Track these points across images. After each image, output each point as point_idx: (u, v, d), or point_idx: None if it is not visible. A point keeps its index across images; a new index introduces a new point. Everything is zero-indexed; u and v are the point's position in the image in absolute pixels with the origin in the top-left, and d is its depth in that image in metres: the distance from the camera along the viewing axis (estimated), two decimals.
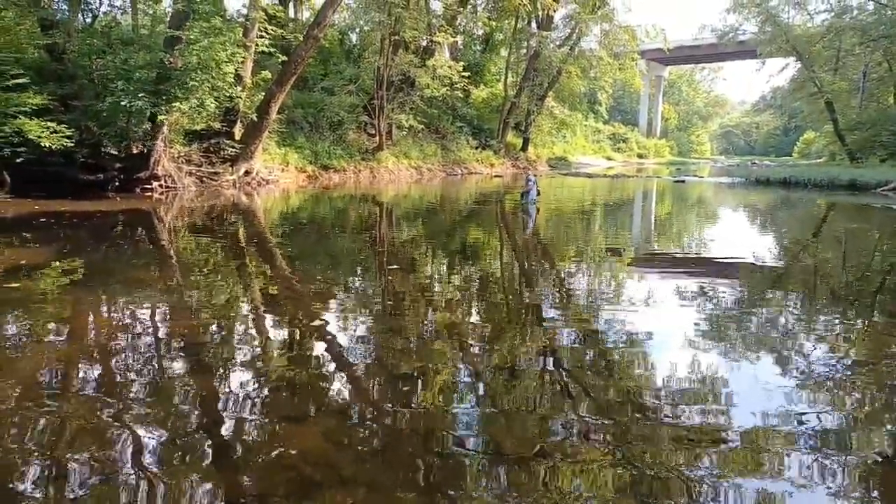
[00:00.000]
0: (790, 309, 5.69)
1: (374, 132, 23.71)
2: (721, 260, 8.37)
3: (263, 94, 16.68)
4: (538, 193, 14.82)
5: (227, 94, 14.01)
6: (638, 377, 3.93)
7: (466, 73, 26.34)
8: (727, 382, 3.83)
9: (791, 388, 3.71)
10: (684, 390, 3.71)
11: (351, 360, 4.16)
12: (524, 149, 35.20)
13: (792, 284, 6.85)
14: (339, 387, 3.74)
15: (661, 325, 5.06)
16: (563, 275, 7.17)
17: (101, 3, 15.08)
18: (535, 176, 16.55)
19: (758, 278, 7.03)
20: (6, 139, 10.13)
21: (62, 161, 11.71)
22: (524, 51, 33.74)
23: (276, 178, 17.35)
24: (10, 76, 10.53)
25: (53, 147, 10.70)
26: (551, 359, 4.26)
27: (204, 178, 14.90)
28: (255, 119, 15.93)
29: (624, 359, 4.25)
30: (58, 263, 6.78)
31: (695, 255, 8.85)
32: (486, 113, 34.31)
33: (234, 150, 15.82)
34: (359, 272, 7.24)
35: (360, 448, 2.97)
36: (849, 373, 4.01)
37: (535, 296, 6.22)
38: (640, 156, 59.52)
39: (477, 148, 30.47)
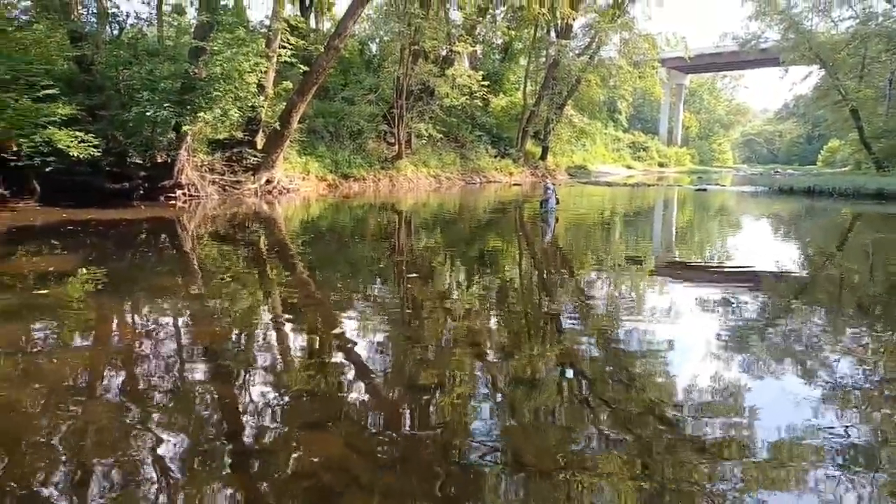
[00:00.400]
0: (815, 320, 5.60)
1: (393, 141, 23.85)
2: (744, 270, 8.26)
3: (285, 103, 16.88)
4: (557, 202, 14.78)
5: (250, 104, 14.21)
6: (660, 389, 3.89)
7: (486, 82, 26.41)
8: (751, 395, 3.78)
9: (816, 401, 3.65)
10: (707, 403, 3.67)
11: (370, 368, 4.18)
12: (543, 157, 35.14)
13: (816, 295, 6.74)
14: (359, 395, 3.76)
15: (683, 335, 5.00)
16: (582, 284, 7.13)
17: (128, 16, 15.44)
18: (553, 184, 16.51)
19: (781, 289, 6.93)
20: (36, 149, 10.39)
21: (89, 170, 11.96)
22: (543, 60, 33.75)
23: (296, 186, 17.52)
24: (40, 87, 10.80)
25: (81, 156, 10.94)
26: (571, 369, 4.23)
27: (226, 187, 15.10)
28: (277, 128, 16.13)
29: (645, 370, 4.21)
30: (84, 271, 6.92)
31: (717, 265, 8.74)
32: (504, 122, 34.34)
33: (255, 159, 16.03)
34: (378, 280, 7.27)
35: (378, 456, 2.98)
36: (876, 386, 3.93)
37: (554, 305, 6.19)
38: (660, 164, 59.06)
39: (496, 156, 30.48)
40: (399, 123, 23.09)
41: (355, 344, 4.65)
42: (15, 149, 10.65)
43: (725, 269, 8.32)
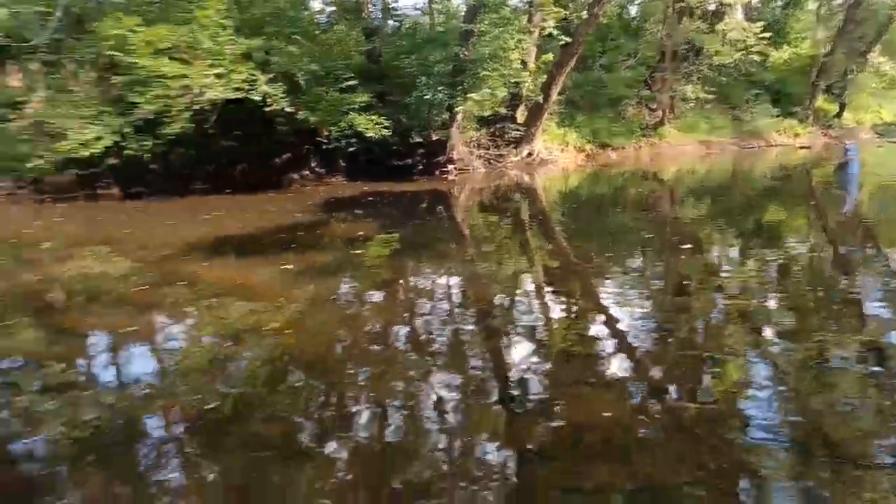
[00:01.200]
0: None
1: (655, 106, 22.61)
2: None
3: (545, 76, 17.17)
4: (860, 166, 12.54)
5: (513, 81, 14.79)
6: None
7: (765, 34, 23.29)
8: None
9: None
10: None
11: (632, 338, 4.16)
12: (839, 115, 29.79)
13: None
14: (621, 363, 3.79)
15: None
16: (893, 264, 6.04)
17: (405, 9, 17.18)
18: (855, 146, 14.02)
19: None
20: (342, 133, 12.37)
21: (379, 149, 13.80)
22: (839, 1, 28.39)
23: (555, 157, 17.80)
24: (343, 79, 12.76)
25: (375, 137, 12.67)
26: (876, 361, 3.68)
27: (491, 161, 16.06)
28: (538, 102, 16.52)
29: None
30: (381, 235, 8.08)
31: None
32: (788, 76, 29.85)
33: (517, 132, 16.70)
34: (638, 251, 7.11)
35: (643, 423, 3.01)
36: None
37: (852, 286, 5.38)
38: None
39: (777, 116, 26.82)
40: (662, 87, 21.78)
41: (616, 313, 4.66)
42: (326, 133, 12.83)
43: None
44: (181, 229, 8.54)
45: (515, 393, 3.41)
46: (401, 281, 6.03)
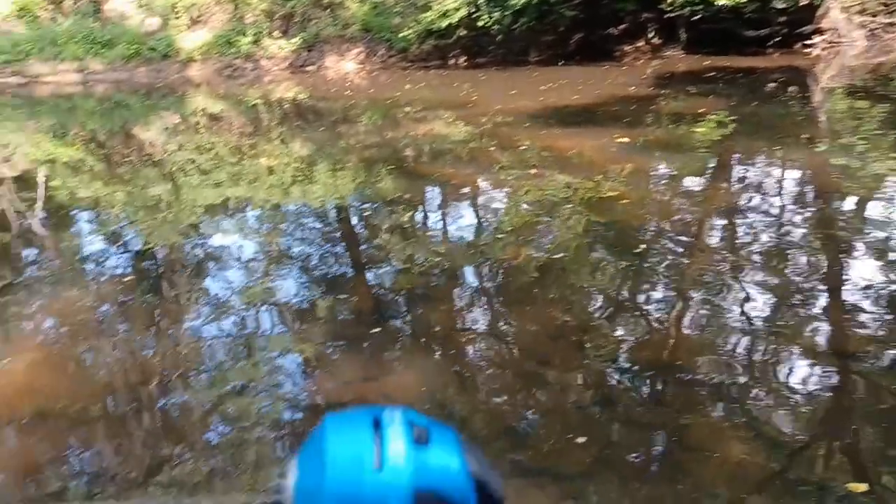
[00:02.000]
0: None
1: None
2: None
3: None
4: None
5: None
6: None
7: None
8: None
9: None
10: None
11: None
12: None
13: None
14: None
15: None
16: None
17: None
18: None
19: None
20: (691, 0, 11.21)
21: (729, 17, 12.17)
22: None
23: None
24: None
25: (727, 3, 11.19)
26: None
27: (876, 31, 12.87)
28: None
29: None
30: (720, 114, 7.39)
31: None
32: None
33: None
34: None
35: None
36: None
37: None
38: None
39: None
40: None
41: None
42: (669, 0, 11.78)
43: None
44: (518, 98, 9.16)
45: (844, 305, 3.05)
46: (734, 166, 5.67)
